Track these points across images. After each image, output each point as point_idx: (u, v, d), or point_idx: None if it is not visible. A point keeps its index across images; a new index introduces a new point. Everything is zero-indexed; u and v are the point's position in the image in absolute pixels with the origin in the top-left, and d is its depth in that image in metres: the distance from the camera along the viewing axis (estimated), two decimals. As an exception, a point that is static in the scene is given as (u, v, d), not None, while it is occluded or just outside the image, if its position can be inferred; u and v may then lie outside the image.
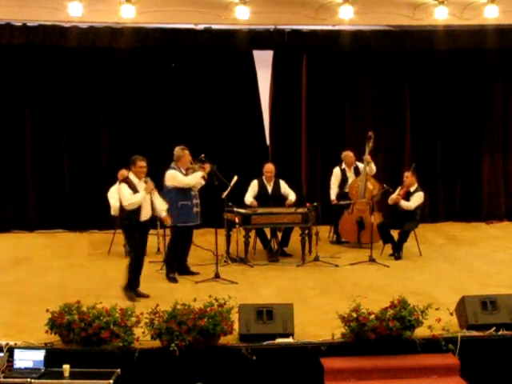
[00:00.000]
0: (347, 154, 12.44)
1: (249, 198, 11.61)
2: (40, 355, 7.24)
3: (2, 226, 13.33)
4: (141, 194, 9.30)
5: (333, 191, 12.41)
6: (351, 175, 12.38)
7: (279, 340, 7.72)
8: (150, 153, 13.40)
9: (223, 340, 7.63)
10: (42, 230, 13.36)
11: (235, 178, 10.88)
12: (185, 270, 10.40)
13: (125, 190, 9.32)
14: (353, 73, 14.10)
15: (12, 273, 10.63)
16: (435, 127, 14.25)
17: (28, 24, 12.78)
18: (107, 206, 11.68)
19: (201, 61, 13.65)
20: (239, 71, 13.90)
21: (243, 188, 11.59)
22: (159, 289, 9.46)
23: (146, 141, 13.55)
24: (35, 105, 13.38)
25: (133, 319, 7.59)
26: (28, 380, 6.98)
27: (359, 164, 12.33)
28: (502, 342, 7.83)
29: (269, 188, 11.76)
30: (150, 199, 9.47)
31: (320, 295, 9.54)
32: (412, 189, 11.52)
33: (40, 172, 13.50)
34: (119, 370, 7.13)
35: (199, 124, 13.65)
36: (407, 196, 11.48)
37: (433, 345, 7.68)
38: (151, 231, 11.60)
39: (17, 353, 7.25)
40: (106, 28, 12.98)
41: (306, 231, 11.30)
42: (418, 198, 11.49)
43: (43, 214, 13.52)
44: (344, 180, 12.37)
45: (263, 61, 13.87)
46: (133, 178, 9.40)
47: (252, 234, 11.51)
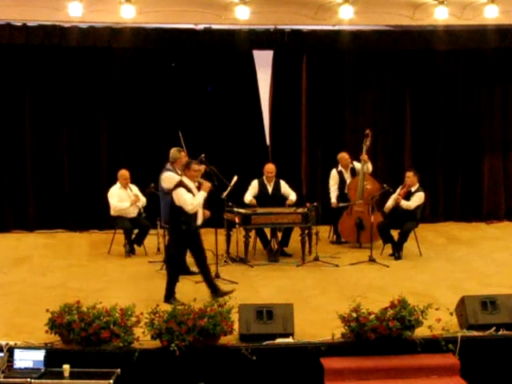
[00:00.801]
0: (342, 156, 12.42)
1: (248, 197, 11.62)
2: (40, 355, 7.25)
3: (2, 226, 13.33)
4: (202, 195, 9.16)
5: (333, 194, 12.37)
6: (348, 176, 12.37)
7: (279, 340, 7.73)
8: (150, 153, 13.54)
9: (223, 340, 7.64)
10: (42, 230, 13.36)
11: (235, 178, 10.88)
12: (185, 270, 10.38)
13: (185, 194, 9.01)
14: (353, 73, 14.09)
15: (12, 273, 10.64)
16: (435, 127, 14.24)
17: (28, 24, 12.77)
18: (107, 206, 11.71)
19: (201, 61, 13.65)
20: (239, 71, 13.89)
21: (243, 188, 11.60)
22: (159, 289, 9.45)
23: (146, 141, 13.61)
24: (35, 105, 13.38)
25: (133, 319, 7.60)
26: (28, 380, 6.98)
27: (356, 164, 12.31)
28: (502, 342, 7.84)
29: (269, 188, 11.77)
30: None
31: (320, 295, 9.54)
32: (413, 189, 11.51)
33: (40, 172, 13.51)
34: (119, 370, 7.14)
35: (199, 124, 13.64)
36: (408, 196, 11.47)
37: (433, 345, 7.68)
38: (151, 231, 11.68)
39: (17, 353, 7.26)
40: (106, 28, 12.98)
41: (306, 231, 11.30)
42: (419, 198, 11.49)
43: (43, 214, 13.52)
44: (342, 181, 12.36)
45: (263, 61, 13.86)
46: (188, 182, 9.18)
47: (252, 234, 11.50)
